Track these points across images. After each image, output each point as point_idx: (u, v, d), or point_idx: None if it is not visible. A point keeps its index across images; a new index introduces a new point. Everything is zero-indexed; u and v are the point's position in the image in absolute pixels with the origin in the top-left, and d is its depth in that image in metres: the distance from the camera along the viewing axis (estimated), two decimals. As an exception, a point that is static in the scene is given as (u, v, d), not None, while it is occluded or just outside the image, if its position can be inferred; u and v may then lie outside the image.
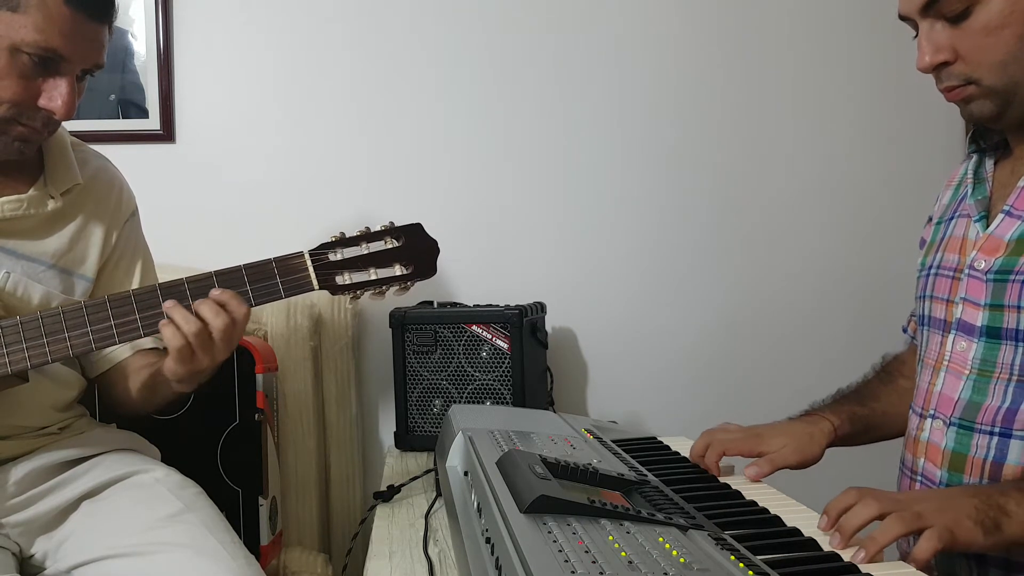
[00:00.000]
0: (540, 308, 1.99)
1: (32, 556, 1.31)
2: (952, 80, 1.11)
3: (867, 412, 1.36)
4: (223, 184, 2.09)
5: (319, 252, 1.29)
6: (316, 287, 1.28)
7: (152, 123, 2.06)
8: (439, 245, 1.34)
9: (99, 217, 1.40)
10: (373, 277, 1.30)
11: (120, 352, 1.42)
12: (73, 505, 1.32)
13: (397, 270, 1.30)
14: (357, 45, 2.11)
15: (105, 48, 1.27)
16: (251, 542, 1.59)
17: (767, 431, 1.33)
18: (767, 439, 1.30)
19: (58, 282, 1.34)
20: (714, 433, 1.33)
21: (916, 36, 1.15)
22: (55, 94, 1.21)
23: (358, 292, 1.30)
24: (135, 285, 1.43)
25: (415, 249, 1.31)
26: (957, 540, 0.90)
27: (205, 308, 1.22)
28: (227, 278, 1.26)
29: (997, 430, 1.09)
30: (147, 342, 1.42)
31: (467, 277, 2.12)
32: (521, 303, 1.92)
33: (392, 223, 1.32)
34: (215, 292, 1.23)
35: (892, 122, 2.22)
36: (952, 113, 1.18)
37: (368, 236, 1.31)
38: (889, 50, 2.21)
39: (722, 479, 1.24)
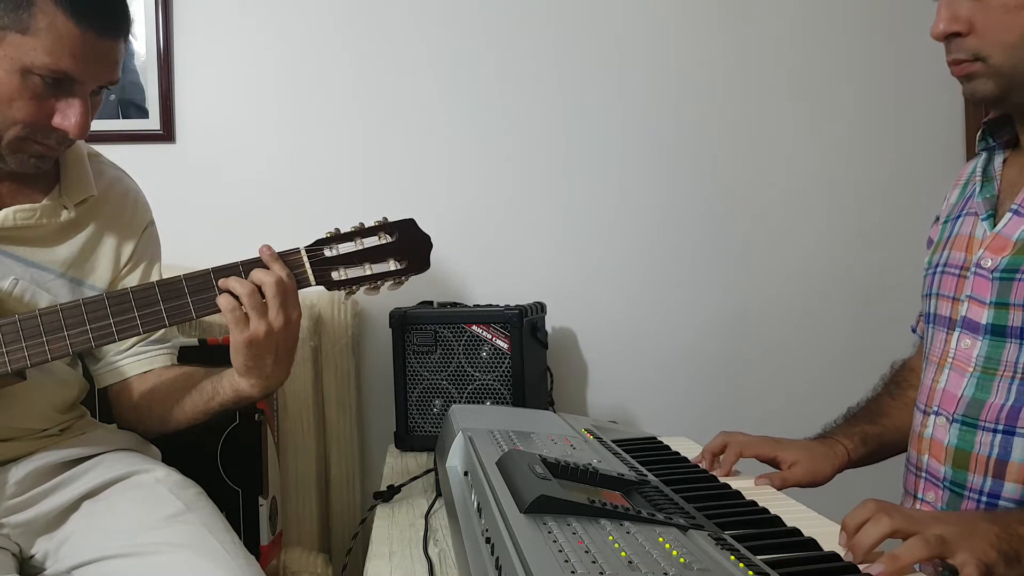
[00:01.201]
0: (540, 308, 1.99)
1: (32, 556, 1.31)
2: (960, 53, 1.10)
3: (879, 430, 1.35)
4: (223, 184, 2.09)
5: (315, 248, 1.30)
6: (312, 283, 1.29)
7: (152, 123, 2.06)
8: (438, 243, 1.34)
9: (112, 228, 1.40)
10: (368, 272, 1.31)
11: (128, 369, 1.42)
12: (73, 505, 1.32)
13: (391, 265, 1.31)
14: (357, 45, 2.11)
15: (120, 64, 1.25)
16: (251, 542, 1.59)
17: (784, 440, 1.34)
18: (784, 446, 1.32)
19: (67, 291, 1.34)
20: (732, 435, 1.34)
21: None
22: (69, 113, 1.20)
23: (353, 287, 1.31)
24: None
25: (408, 244, 1.32)
26: (988, 570, 0.86)
27: (255, 270, 1.24)
28: (224, 274, 1.26)
29: (1001, 427, 1.09)
30: (164, 360, 1.43)
31: (467, 277, 2.12)
32: (521, 303, 1.92)
33: (385, 218, 1.32)
34: (263, 248, 1.27)
35: (892, 122, 2.22)
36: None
37: (362, 232, 1.31)
38: (889, 50, 2.21)
39: (722, 479, 1.24)
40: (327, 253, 1.29)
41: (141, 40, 2.05)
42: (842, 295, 2.22)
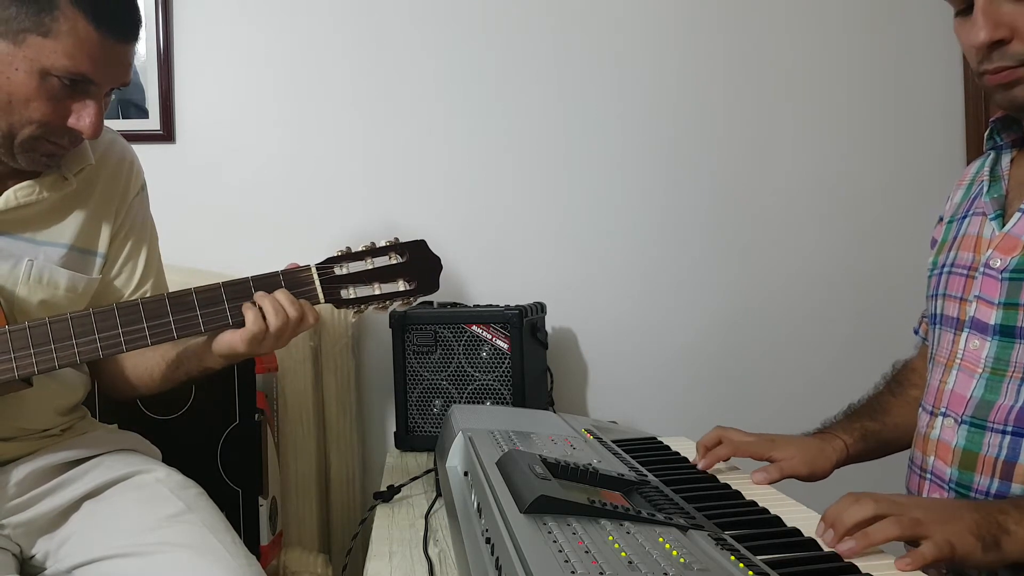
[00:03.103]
0: (540, 308, 1.99)
1: (33, 556, 1.31)
2: (1005, 60, 1.06)
3: (879, 427, 1.35)
4: (223, 184, 2.09)
5: (325, 266, 1.31)
6: (322, 300, 1.30)
7: (152, 123, 2.06)
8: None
9: (110, 193, 1.41)
10: (377, 292, 1.32)
11: None
12: (74, 505, 1.32)
13: (400, 285, 1.32)
14: (357, 45, 2.11)
15: (131, 67, 1.28)
16: (251, 542, 1.59)
17: (780, 439, 1.33)
18: (779, 445, 1.31)
19: (79, 263, 1.35)
20: (727, 432, 1.33)
21: (958, 14, 1.10)
22: (83, 114, 1.22)
23: (362, 306, 1.32)
24: (142, 261, 1.44)
25: (418, 265, 1.33)
26: (955, 553, 0.89)
27: (283, 297, 1.26)
28: (235, 289, 1.27)
29: (1010, 429, 1.08)
30: None
31: (467, 277, 2.12)
32: (521, 303, 1.92)
33: (397, 239, 1.34)
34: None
35: (892, 122, 2.22)
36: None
37: (373, 251, 1.32)
38: (889, 50, 2.21)
39: (722, 479, 1.24)
40: (337, 271, 1.30)
41: (141, 40, 2.03)
42: (842, 295, 2.22)
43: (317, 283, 1.29)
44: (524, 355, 1.84)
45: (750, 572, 0.77)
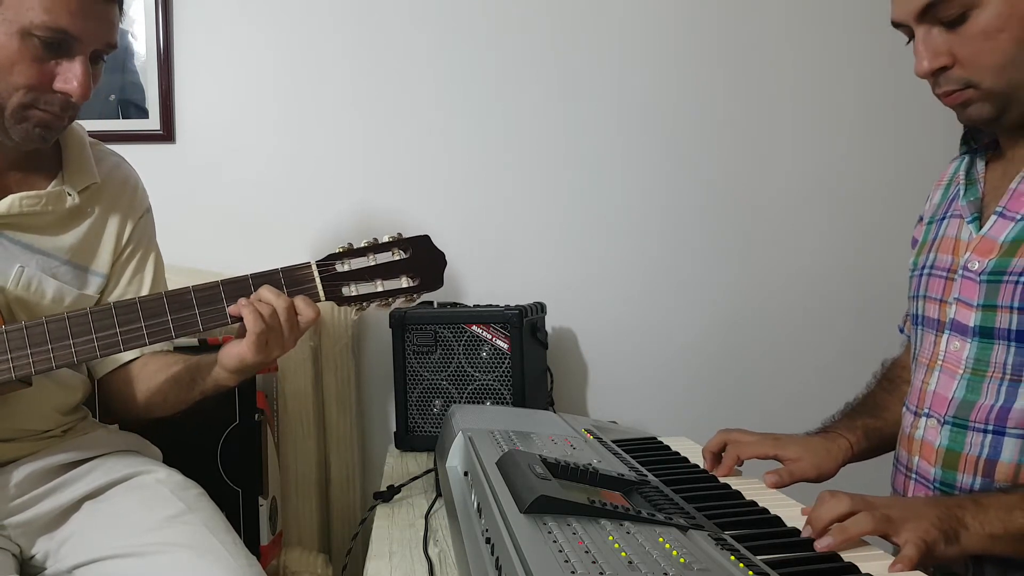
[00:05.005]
0: (540, 308, 1.99)
1: (33, 556, 1.31)
2: (951, 84, 1.11)
3: (880, 424, 1.36)
4: (223, 184, 2.09)
5: (326, 263, 1.28)
6: (323, 298, 1.28)
7: (152, 123, 2.06)
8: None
9: (113, 214, 1.41)
10: (379, 289, 1.29)
11: (127, 354, 1.41)
12: (75, 506, 1.32)
13: (404, 282, 1.30)
14: (357, 45, 2.11)
15: (116, 27, 1.26)
16: (251, 542, 1.59)
17: (784, 438, 1.34)
18: (784, 444, 1.32)
19: (72, 277, 1.35)
20: (732, 434, 1.34)
21: (909, 42, 1.16)
22: (70, 76, 1.21)
23: (364, 304, 1.30)
24: (148, 281, 1.44)
25: (422, 261, 1.30)
26: (928, 546, 0.91)
27: (264, 292, 1.24)
28: (234, 287, 1.25)
29: (991, 428, 1.11)
30: (155, 346, 1.42)
31: (467, 277, 2.12)
32: (521, 303, 1.92)
33: (400, 234, 1.31)
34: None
35: (891, 123, 2.22)
36: (951, 113, 1.18)
37: (375, 247, 1.30)
38: (888, 51, 2.20)
39: (722, 479, 1.24)
40: (339, 268, 1.28)
41: (141, 40, 2.05)
42: (842, 295, 2.22)
43: (317, 280, 1.27)
44: (524, 355, 1.84)
45: (750, 572, 0.77)
